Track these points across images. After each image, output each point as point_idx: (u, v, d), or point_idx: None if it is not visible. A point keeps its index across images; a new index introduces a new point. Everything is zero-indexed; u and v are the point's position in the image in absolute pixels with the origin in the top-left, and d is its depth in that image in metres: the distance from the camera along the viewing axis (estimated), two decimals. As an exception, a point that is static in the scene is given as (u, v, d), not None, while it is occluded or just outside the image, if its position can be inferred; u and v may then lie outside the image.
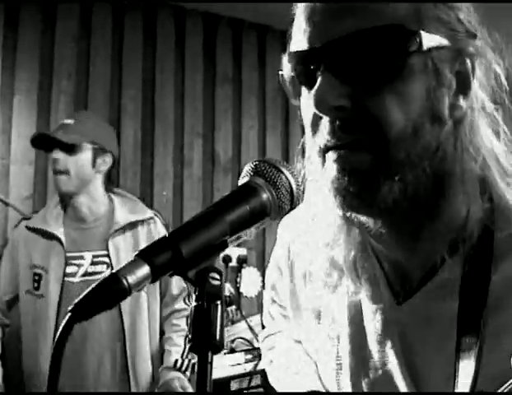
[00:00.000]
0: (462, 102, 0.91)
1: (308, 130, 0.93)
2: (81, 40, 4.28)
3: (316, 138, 0.91)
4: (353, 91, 0.86)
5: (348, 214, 0.92)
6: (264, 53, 4.86)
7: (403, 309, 0.98)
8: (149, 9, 4.49)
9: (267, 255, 4.78)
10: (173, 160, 4.43)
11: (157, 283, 2.95)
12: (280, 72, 0.95)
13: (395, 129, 0.86)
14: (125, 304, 2.83)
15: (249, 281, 4.36)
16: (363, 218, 0.93)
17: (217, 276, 0.70)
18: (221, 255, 0.74)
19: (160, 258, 0.67)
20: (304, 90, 0.93)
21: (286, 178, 0.80)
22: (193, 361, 2.93)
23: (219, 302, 0.68)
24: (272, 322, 1.30)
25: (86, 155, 2.91)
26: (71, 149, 2.88)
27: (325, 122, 0.88)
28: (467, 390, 0.88)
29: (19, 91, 4.08)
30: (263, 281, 4.58)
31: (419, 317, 0.96)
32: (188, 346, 2.99)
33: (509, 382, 0.76)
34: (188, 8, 4.58)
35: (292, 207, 0.82)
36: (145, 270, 0.66)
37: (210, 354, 0.66)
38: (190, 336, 0.67)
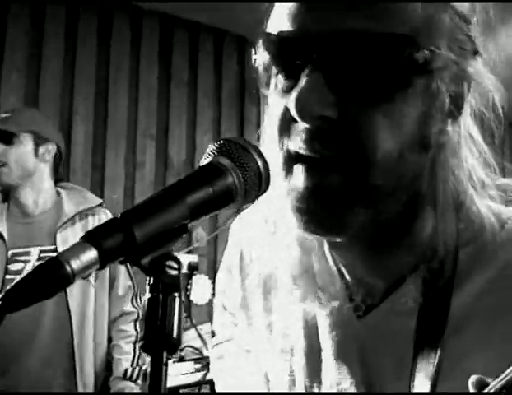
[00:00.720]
0: (449, 127, 0.82)
1: (274, 128, 0.82)
2: (33, 37, 4.14)
3: (285, 141, 0.80)
4: (343, 101, 0.75)
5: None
6: (221, 57, 4.81)
7: (363, 323, 0.91)
8: (105, 8, 4.38)
9: (219, 263, 4.69)
10: (125, 162, 4.34)
11: (107, 281, 2.84)
12: (253, 56, 0.83)
13: (380, 154, 0.75)
14: (73, 303, 2.72)
15: (200, 289, 4.30)
16: None
17: (175, 265, 0.61)
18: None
19: (110, 242, 0.58)
20: (279, 79, 0.81)
21: (255, 160, 0.72)
22: (144, 368, 2.82)
23: (177, 294, 0.59)
24: (221, 330, 1.21)
25: (26, 144, 2.78)
26: (9, 139, 2.75)
27: (301, 126, 0.77)
28: None
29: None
30: (214, 289, 4.53)
31: (379, 333, 0.89)
32: (138, 346, 2.90)
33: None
34: (145, 9, 4.49)
35: (260, 193, 0.73)
36: (91, 254, 0.56)
37: (165, 354, 0.57)
38: (142, 333, 0.58)
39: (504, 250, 0.85)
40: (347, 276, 0.93)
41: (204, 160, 0.71)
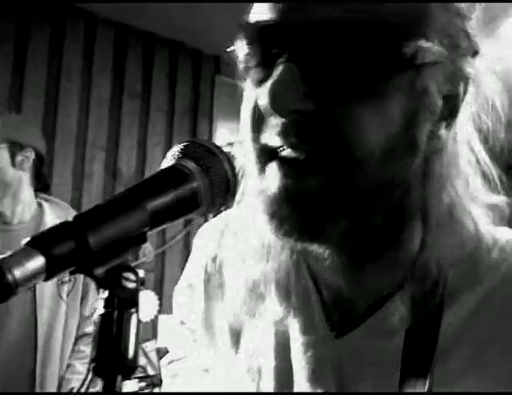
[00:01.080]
0: (443, 131, 0.76)
1: (248, 122, 0.75)
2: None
3: (259, 135, 0.74)
4: (321, 94, 0.69)
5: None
6: (176, 70, 4.75)
7: (341, 343, 0.84)
8: (58, 14, 4.27)
9: (166, 279, 4.64)
10: (72, 173, 4.21)
11: (79, 296, 2.73)
12: (230, 47, 0.77)
13: (363, 151, 0.69)
14: (42, 314, 2.60)
15: (146, 305, 4.22)
16: None
17: (133, 277, 0.54)
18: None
19: (60, 248, 0.51)
20: (256, 71, 0.76)
21: (222, 164, 0.66)
22: (91, 391, 2.70)
23: (134, 310, 0.53)
24: (177, 347, 1.13)
25: (2, 156, 2.62)
26: None
27: (277, 119, 0.71)
28: None
29: None
30: (160, 306, 4.45)
31: (359, 354, 0.82)
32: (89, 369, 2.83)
33: None
34: (100, 18, 4.40)
35: (226, 201, 0.67)
36: (38, 262, 0.49)
37: (119, 378, 0.50)
38: (93, 353, 0.51)
39: (495, 271, 0.80)
40: (324, 289, 0.86)
41: (166, 163, 0.65)
